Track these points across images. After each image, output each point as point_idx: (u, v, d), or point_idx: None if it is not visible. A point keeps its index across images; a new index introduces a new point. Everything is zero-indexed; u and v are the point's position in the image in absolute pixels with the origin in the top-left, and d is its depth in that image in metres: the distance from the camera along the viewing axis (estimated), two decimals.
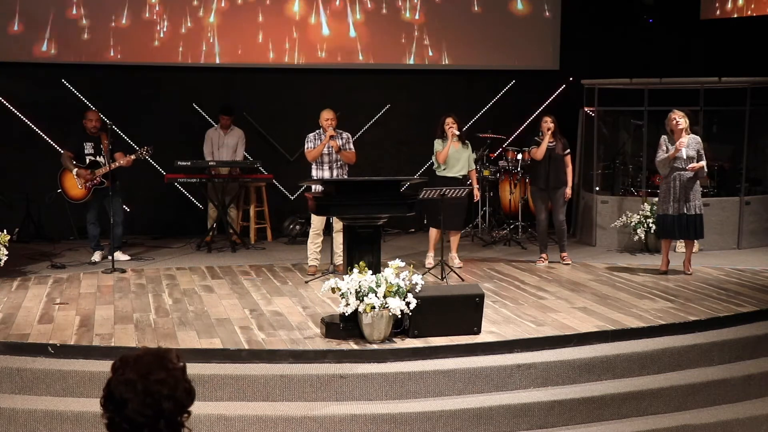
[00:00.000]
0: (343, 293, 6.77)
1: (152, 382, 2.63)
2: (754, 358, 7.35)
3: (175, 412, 2.66)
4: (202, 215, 11.86)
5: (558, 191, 10.21)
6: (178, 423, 2.68)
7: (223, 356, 6.61)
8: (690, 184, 9.38)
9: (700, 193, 9.53)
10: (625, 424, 6.43)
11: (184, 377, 2.70)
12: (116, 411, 2.64)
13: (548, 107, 12.50)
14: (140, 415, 2.62)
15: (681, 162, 9.34)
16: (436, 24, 12.83)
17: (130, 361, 2.67)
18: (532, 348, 6.91)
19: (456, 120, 9.99)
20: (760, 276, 9.64)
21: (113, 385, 2.65)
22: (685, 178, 9.35)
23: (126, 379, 2.63)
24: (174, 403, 2.65)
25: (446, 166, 9.99)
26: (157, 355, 2.70)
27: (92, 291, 8.76)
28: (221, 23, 12.22)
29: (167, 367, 2.67)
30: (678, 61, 12.56)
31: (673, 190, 9.41)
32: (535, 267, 10.14)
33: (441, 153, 9.94)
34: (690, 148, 9.36)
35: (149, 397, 2.62)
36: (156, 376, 2.64)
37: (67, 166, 10.20)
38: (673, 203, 9.42)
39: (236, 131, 11.77)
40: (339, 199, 7.56)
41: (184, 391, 2.68)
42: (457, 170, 10.02)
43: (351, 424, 6.05)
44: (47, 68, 11.87)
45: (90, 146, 10.19)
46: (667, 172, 9.42)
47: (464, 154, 10.09)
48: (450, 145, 9.91)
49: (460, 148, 10.03)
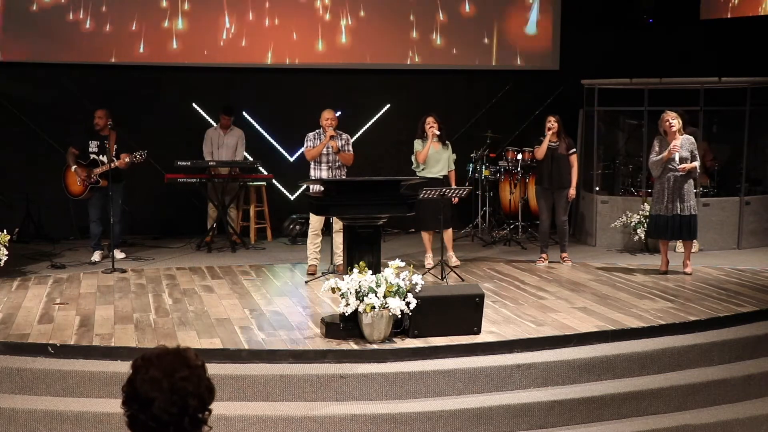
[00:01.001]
0: (343, 293, 6.77)
1: (177, 380, 2.64)
2: (754, 358, 7.35)
3: (199, 408, 2.68)
4: (202, 215, 11.86)
5: (561, 191, 10.20)
6: (201, 420, 2.70)
7: (223, 356, 6.61)
8: (683, 185, 9.37)
9: (693, 193, 9.52)
10: (625, 424, 6.43)
11: (205, 374, 2.73)
12: (141, 409, 2.65)
13: (548, 107, 12.49)
14: (166, 413, 2.63)
15: (673, 162, 9.34)
16: (436, 24, 12.83)
17: (153, 359, 2.69)
18: (532, 348, 6.91)
19: (437, 119, 9.93)
20: (760, 276, 9.64)
21: (138, 383, 2.66)
22: (678, 178, 9.35)
23: (151, 378, 2.64)
24: (198, 400, 2.67)
25: (425, 166, 9.95)
26: (178, 354, 2.71)
27: (92, 291, 8.77)
28: (222, 23, 12.22)
29: (189, 364, 2.69)
30: (678, 61, 12.55)
31: (666, 191, 9.41)
32: (535, 267, 10.14)
33: (421, 153, 9.91)
34: (683, 148, 9.36)
35: (175, 395, 2.64)
36: (181, 373, 2.66)
37: (69, 161, 10.24)
38: (666, 203, 9.42)
39: (236, 131, 11.77)
40: (339, 199, 7.56)
41: (206, 389, 2.70)
42: (437, 171, 9.97)
43: (351, 424, 6.06)
44: (47, 68, 11.86)
45: (95, 144, 10.22)
46: (659, 174, 9.43)
47: (444, 155, 10.03)
48: (430, 144, 9.88)
49: (440, 149, 9.98)
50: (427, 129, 9.88)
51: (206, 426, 2.72)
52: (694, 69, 11.81)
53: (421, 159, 9.93)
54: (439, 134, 9.89)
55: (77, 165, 10.19)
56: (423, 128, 9.94)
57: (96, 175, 10.09)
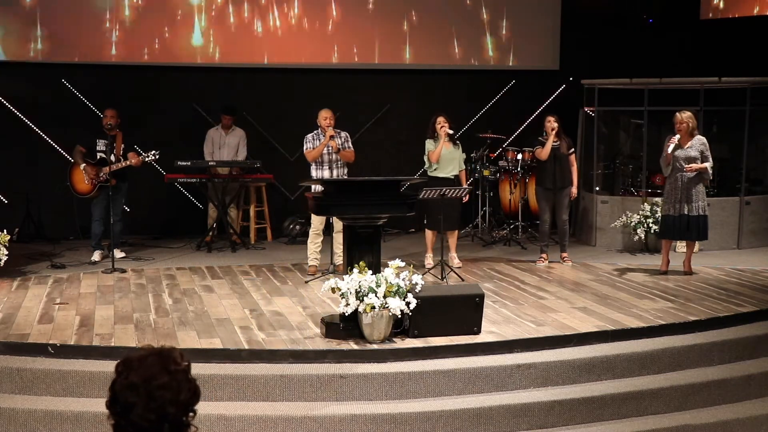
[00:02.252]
0: (343, 293, 6.77)
1: (155, 387, 2.61)
2: (754, 358, 7.35)
3: (179, 414, 2.66)
4: (202, 215, 11.86)
5: (564, 191, 10.20)
6: (183, 423, 2.68)
7: (223, 356, 6.62)
8: (692, 185, 9.37)
9: (703, 194, 9.51)
10: (625, 424, 6.43)
11: (187, 378, 2.69)
12: (121, 414, 2.64)
13: (548, 107, 12.50)
14: (145, 420, 2.61)
15: (681, 162, 9.34)
16: (435, 24, 12.83)
17: (133, 363, 2.66)
18: (532, 348, 6.91)
19: (447, 119, 9.96)
20: (760, 276, 9.64)
21: (117, 388, 2.64)
22: (687, 178, 9.35)
23: (130, 383, 2.62)
24: (177, 407, 2.64)
25: (438, 166, 9.96)
26: (160, 356, 2.68)
27: (92, 291, 8.77)
28: (221, 23, 12.22)
29: (170, 369, 2.66)
30: (678, 61, 12.55)
31: (675, 191, 9.41)
32: (535, 267, 10.13)
33: (434, 153, 9.90)
34: (693, 149, 9.36)
35: (153, 402, 2.61)
36: (159, 380, 2.62)
37: (76, 160, 10.24)
38: (675, 204, 9.41)
39: (237, 131, 11.77)
40: (339, 199, 7.56)
41: (188, 392, 2.67)
42: (449, 171, 9.98)
43: (351, 424, 6.06)
44: (47, 68, 11.86)
45: (102, 143, 10.23)
46: (669, 172, 9.42)
47: (456, 154, 10.05)
48: (443, 144, 9.88)
49: (452, 148, 10.00)
50: (439, 129, 9.87)
51: (192, 427, 2.69)
52: (694, 69, 11.81)
53: (434, 159, 9.91)
54: (451, 133, 9.93)
55: (86, 163, 10.20)
56: (434, 128, 9.93)
57: (106, 173, 10.07)
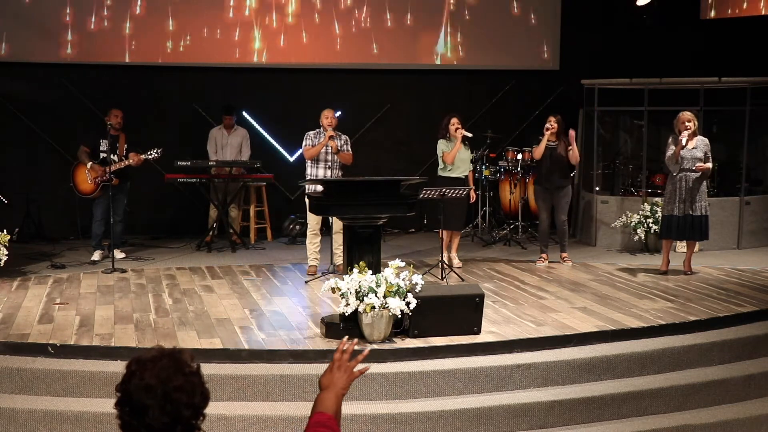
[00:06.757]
0: (343, 293, 6.77)
1: (172, 389, 2.59)
2: (754, 358, 7.35)
3: (192, 417, 2.64)
4: (202, 215, 11.86)
5: (561, 191, 10.20)
6: (194, 426, 2.66)
7: (223, 356, 6.62)
8: (696, 185, 9.37)
9: (706, 194, 9.51)
10: (625, 424, 6.43)
11: (201, 380, 2.67)
12: (134, 414, 2.61)
13: (548, 107, 12.49)
14: (159, 421, 2.59)
15: (688, 162, 9.34)
16: (435, 24, 12.83)
17: (147, 364, 2.62)
18: (532, 348, 6.91)
19: (461, 120, 9.98)
20: (760, 276, 9.64)
21: (132, 389, 2.61)
22: (691, 179, 9.35)
23: (146, 385, 2.59)
24: (192, 409, 2.63)
25: (452, 167, 9.98)
26: (173, 358, 2.65)
27: (92, 291, 8.77)
28: (221, 23, 12.22)
29: (184, 371, 2.63)
30: (678, 61, 12.55)
31: (679, 191, 9.40)
32: (535, 267, 10.13)
33: (449, 154, 9.89)
34: (698, 149, 9.37)
35: (169, 404, 2.59)
36: (176, 382, 2.60)
37: (82, 159, 10.25)
38: (678, 204, 9.41)
39: (240, 131, 11.78)
40: (339, 199, 7.56)
41: (200, 396, 2.65)
42: (461, 171, 10.02)
43: (351, 424, 6.05)
44: (47, 68, 11.86)
45: (105, 143, 10.23)
46: (677, 170, 9.41)
47: (466, 154, 10.09)
48: (459, 145, 9.89)
49: (463, 149, 10.03)
50: (454, 131, 9.87)
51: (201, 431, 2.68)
52: (694, 69, 11.81)
53: (450, 160, 9.91)
54: (470, 135, 9.96)
55: (92, 163, 10.20)
56: (447, 128, 9.94)
57: (109, 172, 10.06)
